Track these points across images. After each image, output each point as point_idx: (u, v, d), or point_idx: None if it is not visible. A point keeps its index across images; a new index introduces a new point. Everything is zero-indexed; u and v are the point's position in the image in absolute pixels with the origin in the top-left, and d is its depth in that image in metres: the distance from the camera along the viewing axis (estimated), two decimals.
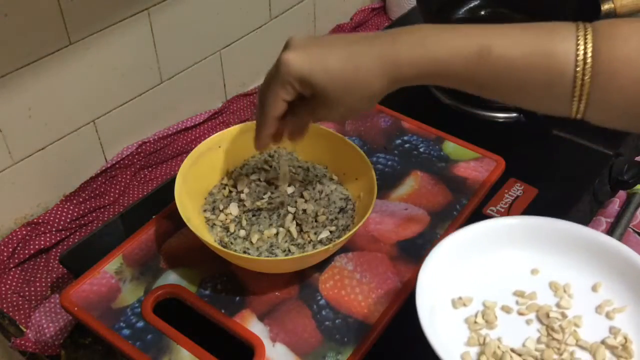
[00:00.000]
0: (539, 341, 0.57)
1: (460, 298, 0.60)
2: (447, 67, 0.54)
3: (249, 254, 0.66)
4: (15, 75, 0.74)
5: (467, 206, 0.75)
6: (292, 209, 0.70)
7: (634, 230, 0.83)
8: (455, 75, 0.55)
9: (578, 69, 0.51)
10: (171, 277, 0.67)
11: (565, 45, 0.51)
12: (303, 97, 0.59)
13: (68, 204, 0.85)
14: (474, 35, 0.54)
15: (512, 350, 0.56)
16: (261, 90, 0.61)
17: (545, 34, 0.53)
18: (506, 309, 0.60)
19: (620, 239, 0.82)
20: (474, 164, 0.80)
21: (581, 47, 0.51)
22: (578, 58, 0.51)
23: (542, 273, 0.63)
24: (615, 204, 0.86)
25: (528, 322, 0.59)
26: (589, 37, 0.51)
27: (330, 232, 0.68)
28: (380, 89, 0.57)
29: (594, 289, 0.61)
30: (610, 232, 0.82)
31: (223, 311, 0.64)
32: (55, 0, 0.74)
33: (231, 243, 0.67)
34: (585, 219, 0.84)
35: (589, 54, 0.51)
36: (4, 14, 0.70)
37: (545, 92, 0.53)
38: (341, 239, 0.63)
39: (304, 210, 0.70)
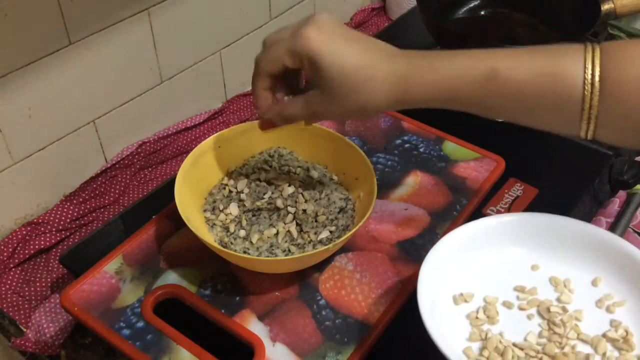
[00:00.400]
0: (540, 335, 0.57)
1: (461, 294, 0.61)
2: (455, 90, 0.55)
3: (249, 254, 0.66)
4: (15, 75, 0.74)
5: (467, 206, 0.75)
6: (292, 209, 0.70)
7: (634, 230, 0.83)
8: (464, 98, 0.55)
9: (586, 91, 0.51)
10: (171, 277, 0.67)
11: (573, 67, 0.51)
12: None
13: (68, 204, 0.85)
14: (481, 59, 0.54)
15: (514, 345, 0.56)
16: (265, 42, 0.60)
17: (553, 56, 0.53)
18: (507, 305, 0.60)
19: None
20: (474, 164, 0.80)
21: (589, 69, 0.51)
22: (586, 80, 0.51)
23: (542, 269, 0.63)
24: (615, 204, 0.86)
25: (529, 317, 0.59)
26: (597, 59, 0.51)
27: (330, 232, 0.68)
28: (385, 104, 0.57)
29: (594, 283, 0.61)
30: (610, 232, 0.82)
31: (223, 311, 0.64)
32: (55, 0, 0.74)
33: (231, 243, 0.67)
34: (585, 219, 0.84)
35: (597, 76, 0.50)
36: (4, 14, 0.70)
37: (554, 114, 0.53)
38: (341, 239, 0.63)
39: (304, 210, 0.70)
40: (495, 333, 0.57)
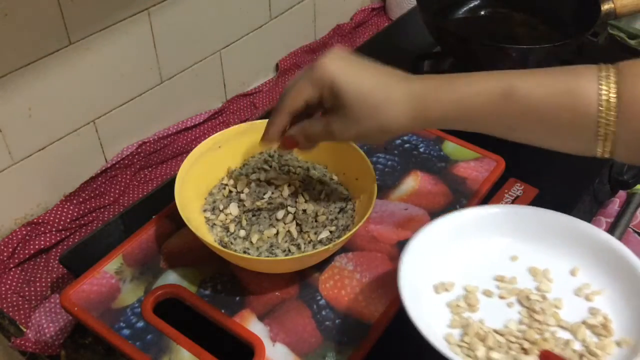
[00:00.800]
0: (520, 322, 0.58)
1: (442, 283, 0.61)
2: (472, 108, 0.56)
3: (249, 254, 0.66)
4: (15, 75, 0.74)
5: (467, 206, 0.75)
6: (292, 209, 0.70)
7: (634, 230, 0.84)
8: (481, 117, 0.56)
9: (601, 107, 0.51)
10: (171, 277, 0.67)
11: (588, 85, 0.52)
12: (319, 109, 0.60)
13: (68, 204, 0.85)
14: (498, 78, 0.56)
15: (495, 331, 0.57)
16: (287, 86, 0.62)
17: (569, 75, 0.54)
18: (487, 293, 0.61)
19: (620, 238, 0.82)
20: (474, 164, 0.80)
21: (604, 87, 0.51)
22: (602, 97, 0.51)
23: (522, 259, 0.64)
24: (615, 204, 0.86)
25: (509, 305, 0.60)
26: (612, 77, 0.52)
27: (330, 232, 0.68)
28: (403, 124, 0.58)
29: (573, 273, 0.62)
30: (610, 232, 0.82)
31: (223, 311, 0.64)
32: (55, 0, 0.74)
33: (231, 243, 0.67)
34: (585, 219, 0.84)
35: (613, 94, 0.51)
36: (4, 14, 0.70)
37: (570, 133, 0.54)
38: (341, 239, 0.63)
39: (304, 210, 0.70)
40: (476, 320, 0.58)
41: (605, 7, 0.93)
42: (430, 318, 0.57)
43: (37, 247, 0.81)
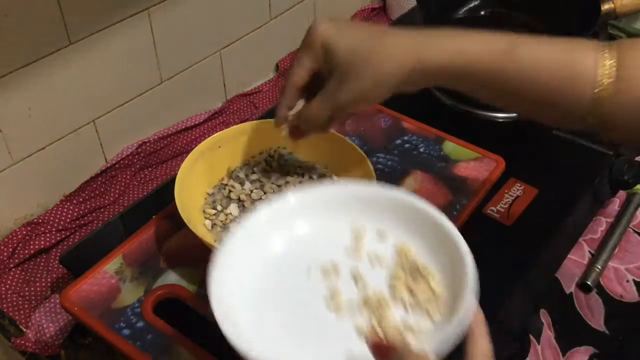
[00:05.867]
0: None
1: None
2: (473, 60, 0.55)
3: None
4: (15, 75, 0.74)
5: (467, 206, 0.75)
6: None
7: (634, 230, 0.84)
8: (480, 71, 0.55)
9: (600, 72, 0.51)
10: (171, 277, 0.67)
11: (588, 52, 0.52)
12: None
13: (68, 204, 0.85)
14: (500, 35, 0.55)
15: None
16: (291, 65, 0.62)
17: (571, 43, 0.54)
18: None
19: (620, 238, 0.82)
20: (474, 164, 0.80)
21: (604, 55, 0.52)
22: (600, 64, 0.52)
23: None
24: (615, 204, 0.86)
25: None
26: (614, 50, 0.52)
27: None
28: (399, 72, 0.56)
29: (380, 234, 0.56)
30: (610, 232, 0.82)
31: None
32: (55, 0, 0.74)
33: None
34: (585, 219, 0.84)
35: (612, 61, 0.51)
36: (4, 14, 0.70)
37: (566, 97, 0.53)
38: None
39: None
40: None
41: (605, 7, 0.93)
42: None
43: (37, 247, 0.81)
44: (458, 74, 0.56)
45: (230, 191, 0.73)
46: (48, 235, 0.82)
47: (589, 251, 0.81)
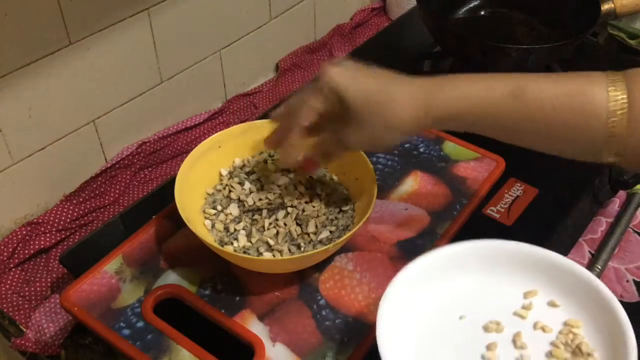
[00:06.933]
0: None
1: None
2: (481, 105, 0.55)
3: (249, 254, 0.66)
4: (15, 75, 0.74)
5: (467, 206, 0.75)
6: (292, 209, 0.70)
7: (634, 230, 0.84)
8: (488, 114, 0.56)
9: (611, 111, 0.51)
10: (171, 277, 0.68)
11: (598, 89, 0.52)
12: (330, 119, 0.60)
13: (68, 204, 0.85)
14: (507, 77, 0.56)
15: None
16: (293, 99, 0.62)
17: (578, 78, 0.54)
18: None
19: (620, 238, 0.82)
20: (474, 164, 0.80)
21: (614, 92, 0.52)
22: (611, 101, 0.52)
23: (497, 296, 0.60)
24: (615, 204, 0.86)
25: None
26: (621, 82, 0.52)
27: (330, 232, 0.69)
28: (410, 122, 0.58)
29: (551, 304, 0.59)
30: (610, 232, 0.82)
31: (223, 311, 0.64)
32: (55, 0, 0.74)
33: (231, 243, 0.67)
34: (585, 219, 0.84)
35: (622, 98, 0.51)
36: (4, 14, 0.70)
37: (578, 136, 0.54)
38: (341, 239, 0.63)
39: (304, 210, 0.70)
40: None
41: (605, 7, 0.93)
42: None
43: (37, 247, 0.81)
44: (466, 120, 0.57)
45: (230, 191, 0.73)
46: (48, 235, 0.82)
47: (589, 251, 0.81)
